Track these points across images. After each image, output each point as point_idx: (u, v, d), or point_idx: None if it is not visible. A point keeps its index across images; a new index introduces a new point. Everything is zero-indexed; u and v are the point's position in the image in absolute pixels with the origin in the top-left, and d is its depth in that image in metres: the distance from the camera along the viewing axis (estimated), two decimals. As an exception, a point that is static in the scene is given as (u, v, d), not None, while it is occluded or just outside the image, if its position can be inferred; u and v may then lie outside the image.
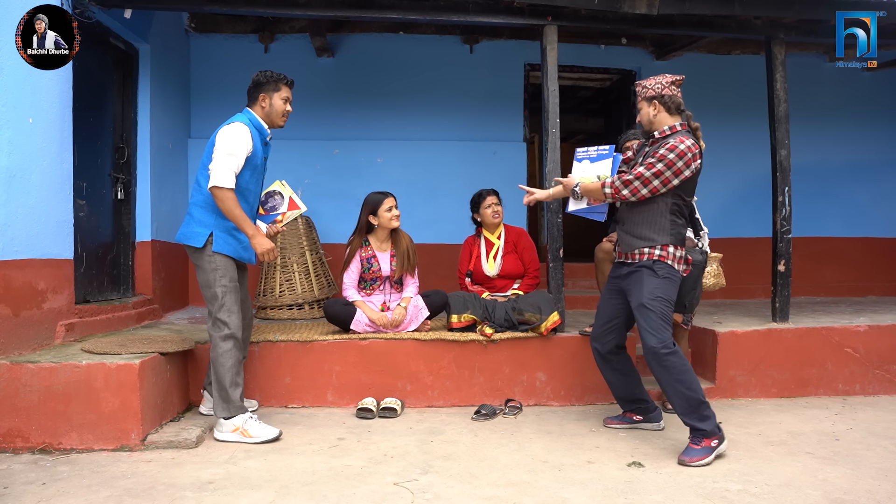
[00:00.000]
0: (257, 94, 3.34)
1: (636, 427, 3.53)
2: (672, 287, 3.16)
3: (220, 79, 5.73)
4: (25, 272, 3.29)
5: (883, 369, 4.32)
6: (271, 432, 3.26)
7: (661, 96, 3.16)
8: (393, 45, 5.99)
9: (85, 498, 2.54)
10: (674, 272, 3.16)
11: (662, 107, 3.18)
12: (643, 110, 3.24)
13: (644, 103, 3.22)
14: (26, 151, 3.31)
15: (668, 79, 3.20)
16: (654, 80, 3.21)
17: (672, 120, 3.19)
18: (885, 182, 6.68)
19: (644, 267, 3.15)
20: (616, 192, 3.14)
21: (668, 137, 3.15)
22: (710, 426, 3.02)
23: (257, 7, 4.20)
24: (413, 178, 5.91)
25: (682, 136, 3.10)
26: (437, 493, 2.62)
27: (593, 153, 3.34)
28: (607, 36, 6.12)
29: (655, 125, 3.22)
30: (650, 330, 3.08)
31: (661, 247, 3.14)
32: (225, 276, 3.25)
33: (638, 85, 3.29)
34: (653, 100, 3.18)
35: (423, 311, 4.05)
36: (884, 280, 6.61)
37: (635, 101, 3.32)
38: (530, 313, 3.94)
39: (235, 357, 3.25)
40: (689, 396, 3.04)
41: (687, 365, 3.09)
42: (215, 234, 3.24)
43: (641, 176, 3.07)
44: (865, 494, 2.64)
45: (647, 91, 3.20)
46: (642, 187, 3.09)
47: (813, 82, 6.46)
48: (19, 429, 3.04)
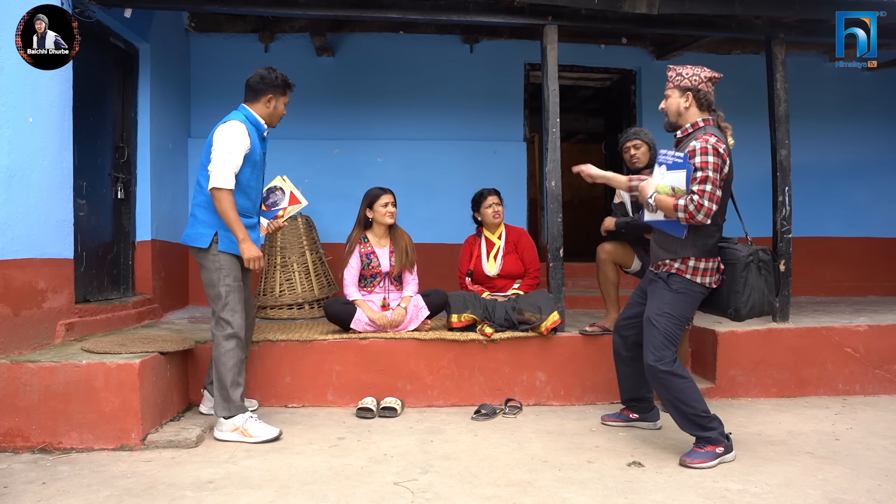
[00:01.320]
0: (265, 92, 3.32)
1: (632, 425, 3.53)
2: (686, 302, 3.00)
3: (220, 78, 5.72)
4: (25, 271, 3.29)
5: (883, 369, 4.32)
6: (271, 432, 3.26)
7: (696, 90, 2.98)
8: (393, 45, 5.99)
9: (85, 497, 2.54)
10: (692, 287, 2.99)
11: (695, 101, 3.00)
12: (672, 99, 3.04)
13: (676, 92, 3.02)
14: (26, 151, 3.31)
15: (706, 73, 3.01)
16: (691, 70, 3.00)
17: (701, 115, 3.02)
18: (885, 182, 6.68)
19: (660, 279, 3.05)
20: (690, 218, 2.84)
21: (690, 136, 3.00)
22: (714, 435, 2.96)
23: (257, 7, 4.20)
24: (413, 178, 5.91)
25: (704, 134, 2.93)
26: (437, 493, 2.62)
27: (670, 159, 2.95)
28: (607, 35, 6.12)
29: (684, 118, 3.04)
30: (650, 347, 3.01)
31: (682, 260, 2.98)
32: (229, 275, 3.25)
33: (672, 70, 3.06)
34: (687, 91, 2.99)
35: (423, 311, 4.06)
36: (884, 280, 6.61)
37: (664, 87, 3.10)
38: (530, 313, 3.94)
39: (237, 357, 3.25)
40: (686, 412, 2.97)
41: (686, 383, 2.97)
42: (220, 233, 3.24)
43: (703, 193, 2.82)
44: (865, 494, 2.64)
45: (682, 80, 3.00)
46: (708, 202, 2.83)
47: (813, 82, 6.46)
48: (19, 428, 3.04)
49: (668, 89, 3.06)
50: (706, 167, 2.85)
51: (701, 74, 3.00)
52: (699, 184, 2.85)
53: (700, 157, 2.86)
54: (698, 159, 2.86)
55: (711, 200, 2.83)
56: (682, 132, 3.06)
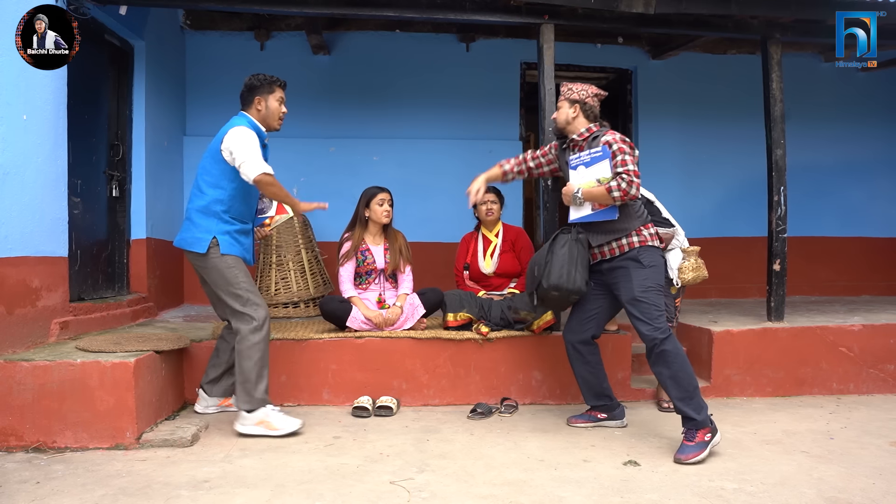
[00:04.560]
0: (252, 97, 3.36)
1: (601, 425, 3.55)
2: (660, 273, 3.29)
3: (216, 76, 5.71)
4: (19, 270, 3.27)
5: (877, 368, 4.34)
6: (294, 424, 3.31)
7: (583, 102, 3.35)
8: (389, 44, 5.98)
9: (80, 497, 2.53)
10: (657, 257, 3.27)
11: (582, 112, 3.36)
12: (563, 110, 3.39)
13: (566, 103, 3.39)
14: (20, 148, 3.29)
15: (593, 90, 3.39)
16: (580, 86, 3.39)
17: (587, 124, 3.37)
18: (879, 181, 6.71)
19: (629, 259, 3.23)
20: (625, 195, 3.14)
21: (596, 136, 3.31)
22: (703, 416, 3.06)
23: (253, 4, 4.19)
24: (409, 177, 5.90)
25: (607, 132, 3.30)
26: (433, 492, 2.62)
27: (587, 157, 3.30)
28: (604, 35, 6.12)
29: (572, 127, 3.38)
30: (646, 319, 3.16)
31: (636, 231, 3.25)
32: (241, 271, 3.32)
33: (564, 85, 3.45)
34: (575, 103, 3.36)
35: (419, 309, 4.05)
36: (878, 279, 6.63)
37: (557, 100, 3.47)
38: (526, 312, 3.95)
39: (263, 350, 3.30)
40: (688, 387, 3.08)
41: (683, 353, 3.17)
42: (219, 238, 3.27)
43: (629, 171, 3.15)
44: (860, 493, 2.65)
45: (571, 93, 3.38)
46: (636, 178, 3.15)
47: (808, 82, 6.47)
48: (13, 427, 3.02)
49: (560, 101, 3.44)
50: (623, 152, 3.20)
51: (589, 90, 3.39)
52: (621, 165, 3.18)
53: (617, 145, 3.22)
54: (615, 147, 3.21)
55: (636, 176, 3.17)
56: (580, 136, 3.37)
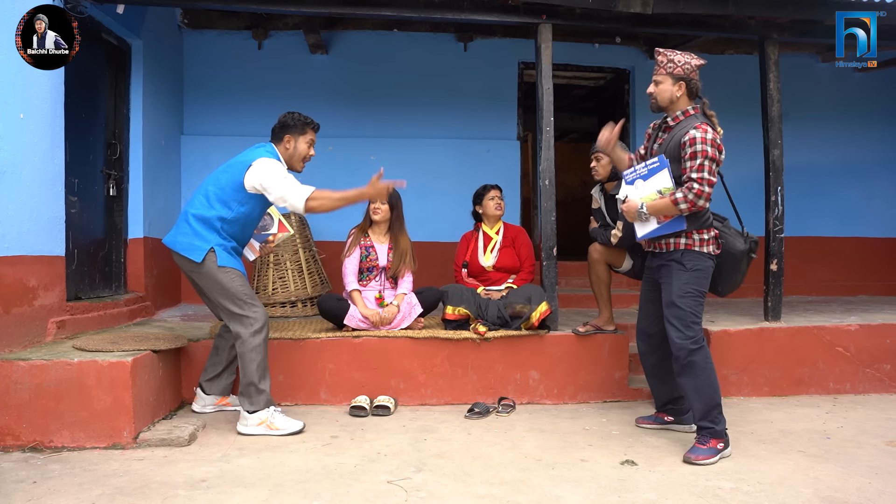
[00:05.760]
0: (283, 134, 3.42)
1: (667, 428, 3.48)
2: (703, 278, 3.09)
3: (214, 75, 5.70)
4: (16, 269, 3.27)
5: (873, 368, 4.35)
6: (296, 425, 3.34)
7: (689, 79, 3.05)
8: (387, 43, 5.98)
9: (76, 496, 2.52)
10: (704, 262, 3.08)
11: (687, 90, 3.08)
12: (664, 85, 3.08)
13: (668, 79, 3.07)
14: (17, 147, 3.28)
15: (696, 61, 3.08)
16: (683, 59, 3.06)
17: (690, 104, 3.11)
18: (876, 181, 6.72)
19: (673, 260, 3.10)
20: (692, 206, 2.95)
21: (683, 125, 3.06)
22: (721, 427, 3.03)
23: (251, 3, 4.19)
24: (406, 176, 5.77)
25: (701, 125, 3.01)
26: (430, 492, 2.62)
27: (643, 170, 3.08)
28: (601, 35, 6.12)
29: (674, 107, 3.11)
30: (678, 327, 3.05)
31: (687, 234, 3.07)
32: (237, 276, 3.32)
33: (662, 55, 3.11)
34: (680, 80, 3.06)
35: (417, 308, 4.05)
36: (875, 279, 6.65)
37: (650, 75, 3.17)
38: (521, 305, 3.95)
39: (264, 352, 3.32)
40: (711, 402, 3.02)
41: (712, 365, 3.08)
42: (216, 249, 3.28)
43: (703, 180, 2.93)
44: (856, 492, 2.66)
45: (675, 68, 3.06)
46: (707, 188, 2.96)
47: (806, 82, 6.48)
48: (10, 427, 3.02)
49: (660, 75, 3.11)
50: (705, 155, 2.95)
51: (692, 63, 3.08)
52: (696, 171, 2.95)
53: (700, 145, 2.95)
54: (699, 147, 2.95)
55: (710, 185, 2.96)
56: (674, 120, 3.13)
